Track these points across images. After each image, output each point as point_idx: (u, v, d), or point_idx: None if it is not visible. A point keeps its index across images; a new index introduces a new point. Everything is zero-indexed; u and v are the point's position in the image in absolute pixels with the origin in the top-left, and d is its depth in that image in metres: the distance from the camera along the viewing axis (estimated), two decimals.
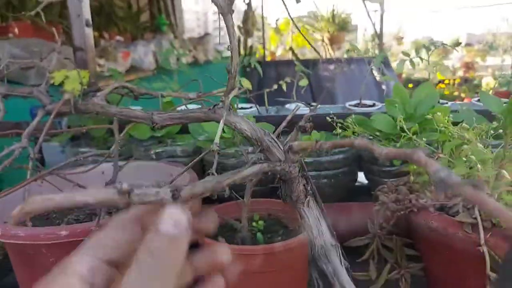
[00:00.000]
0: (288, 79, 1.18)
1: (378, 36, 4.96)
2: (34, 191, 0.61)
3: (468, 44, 6.97)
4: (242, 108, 1.10)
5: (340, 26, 6.79)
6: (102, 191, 0.30)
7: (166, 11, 6.46)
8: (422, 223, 0.59)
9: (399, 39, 7.33)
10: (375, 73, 1.47)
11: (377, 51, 5.43)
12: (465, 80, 5.73)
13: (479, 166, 0.53)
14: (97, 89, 0.77)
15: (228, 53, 0.48)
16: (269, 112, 1.12)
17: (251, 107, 1.10)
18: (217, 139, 0.50)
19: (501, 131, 0.60)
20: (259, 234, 0.63)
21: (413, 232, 0.65)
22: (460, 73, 6.25)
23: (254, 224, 0.68)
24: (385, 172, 0.85)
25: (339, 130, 0.76)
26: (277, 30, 6.94)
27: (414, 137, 0.68)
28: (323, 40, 6.96)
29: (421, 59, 0.96)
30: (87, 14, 1.01)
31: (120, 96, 0.83)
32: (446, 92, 4.75)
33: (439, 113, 0.63)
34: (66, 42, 1.28)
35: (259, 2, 5.38)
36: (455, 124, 0.62)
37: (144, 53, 3.40)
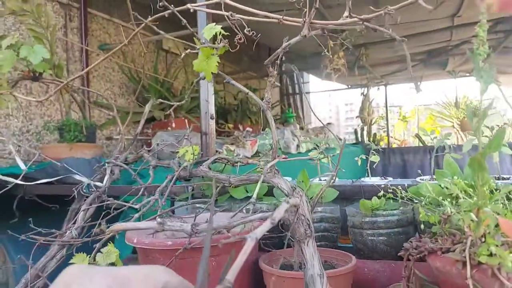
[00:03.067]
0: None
1: None
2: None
3: None
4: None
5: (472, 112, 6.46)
6: (152, 223, 0.59)
7: (295, 106, 7.23)
8: (431, 263, 0.71)
9: None
10: None
11: None
12: None
13: None
14: (205, 160, 1.13)
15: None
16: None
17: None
18: (254, 195, 0.76)
19: None
20: None
21: (430, 273, 0.76)
22: None
23: None
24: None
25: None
26: (403, 118, 6.97)
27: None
28: (453, 126, 6.68)
29: None
30: (212, 111, 1.44)
31: (223, 165, 1.17)
32: None
33: None
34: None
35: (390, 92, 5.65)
36: None
37: (268, 141, 3.91)
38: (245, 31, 0.83)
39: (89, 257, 0.80)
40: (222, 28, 0.86)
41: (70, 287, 0.36)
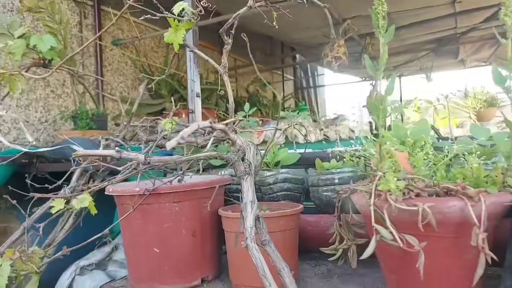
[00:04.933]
0: None
1: None
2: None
3: None
4: None
5: (489, 103, 6.41)
6: (111, 151, 0.73)
7: (309, 99, 7.29)
8: (353, 200, 0.82)
9: None
10: None
11: None
12: None
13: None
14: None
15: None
16: None
17: None
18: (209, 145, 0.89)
19: None
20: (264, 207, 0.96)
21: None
22: None
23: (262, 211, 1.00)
24: None
25: None
26: (417, 109, 6.89)
27: None
28: (470, 117, 6.60)
29: None
30: (197, 89, 1.57)
31: None
32: None
33: None
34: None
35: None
36: None
37: (270, 132, 4.04)
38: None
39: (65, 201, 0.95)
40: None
41: None
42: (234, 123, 0.98)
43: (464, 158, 0.84)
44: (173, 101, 1.75)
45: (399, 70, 5.98)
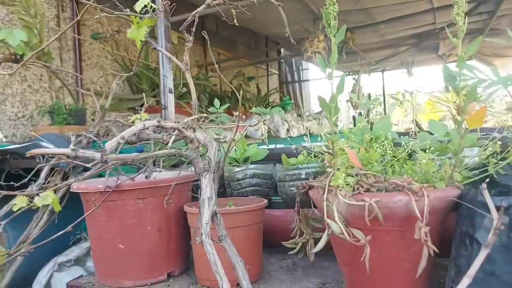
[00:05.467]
0: None
1: None
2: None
3: None
4: None
5: (469, 97, 6.52)
6: (66, 150, 0.73)
7: (294, 94, 7.31)
8: (310, 195, 0.84)
9: None
10: None
11: None
12: None
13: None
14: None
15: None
16: None
17: None
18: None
19: None
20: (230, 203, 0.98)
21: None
22: None
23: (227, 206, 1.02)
24: None
25: None
26: (399, 104, 6.98)
27: None
28: (450, 112, 6.67)
29: None
30: (170, 85, 1.58)
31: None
32: None
33: None
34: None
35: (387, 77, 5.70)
36: None
37: (257, 127, 4.04)
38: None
39: (28, 198, 0.95)
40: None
41: None
42: (198, 120, 0.99)
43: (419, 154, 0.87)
44: (154, 96, 1.75)
45: (381, 65, 6.04)
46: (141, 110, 3.35)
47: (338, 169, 0.75)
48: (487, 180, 0.71)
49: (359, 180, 0.75)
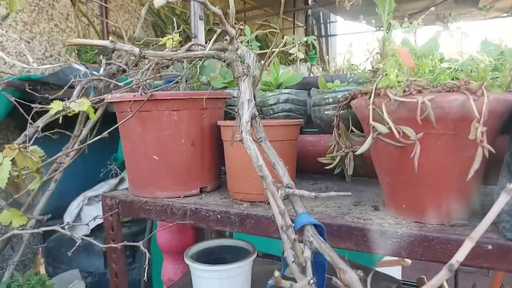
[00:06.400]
0: None
1: None
2: None
3: None
4: None
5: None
6: (105, 41, 0.70)
7: (320, 48, 7.09)
8: (352, 105, 0.80)
9: None
10: None
11: None
12: None
13: None
14: None
15: None
16: None
17: None
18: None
19: None
20: None
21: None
22: None
23: None
24: None
25: None
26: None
27: None
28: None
29: None
30: (200, 12, 1.52)
31: None
32: None
33: None
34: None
35: None
36: None
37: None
38: None
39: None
40: None
41: None
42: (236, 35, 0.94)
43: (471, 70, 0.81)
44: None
45: (415, 18, 5.72)
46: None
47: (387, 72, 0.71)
48: None
49: (410, 83, 0.70)
